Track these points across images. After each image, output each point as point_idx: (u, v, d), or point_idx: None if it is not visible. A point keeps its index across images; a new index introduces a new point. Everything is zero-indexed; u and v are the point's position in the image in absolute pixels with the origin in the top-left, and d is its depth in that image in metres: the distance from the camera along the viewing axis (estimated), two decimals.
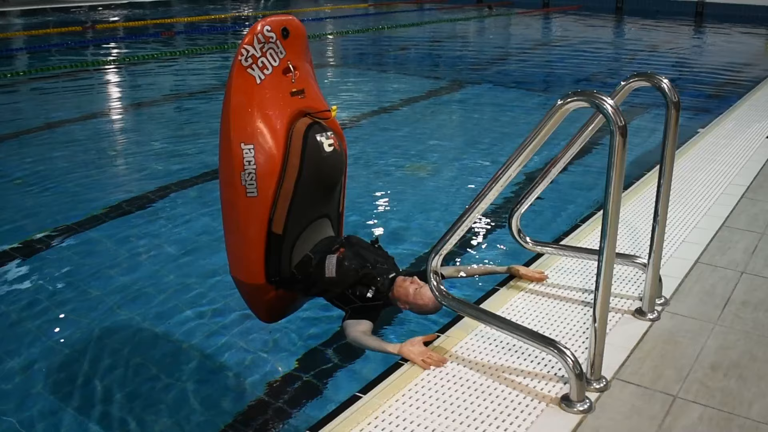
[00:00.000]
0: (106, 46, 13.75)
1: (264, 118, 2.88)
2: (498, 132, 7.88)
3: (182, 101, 9.46)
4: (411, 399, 2.46)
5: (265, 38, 2.86)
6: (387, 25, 17.76)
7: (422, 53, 14.37)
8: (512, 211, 3.31)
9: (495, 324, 2.66)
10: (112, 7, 20.48)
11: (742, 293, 3.27)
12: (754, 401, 2.49)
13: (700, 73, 11.57)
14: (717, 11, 19.86)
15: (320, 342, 3.68)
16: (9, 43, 13.89)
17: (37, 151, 6.91)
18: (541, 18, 20.81)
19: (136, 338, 3.74)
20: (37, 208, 5.44)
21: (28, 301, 4.09)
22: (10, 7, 19.25)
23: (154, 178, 6.11)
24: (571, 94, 2.31)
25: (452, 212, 5.22)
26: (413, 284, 2.92)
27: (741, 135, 6.03)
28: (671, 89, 2.73)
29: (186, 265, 4.52)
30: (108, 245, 4.79)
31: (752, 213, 4.24)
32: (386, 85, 10.75)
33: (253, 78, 2.88)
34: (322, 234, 3.16)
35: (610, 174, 2.26)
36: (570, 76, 11.41)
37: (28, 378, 3.40)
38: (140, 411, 3.20)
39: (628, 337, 2.87)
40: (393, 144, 7.27)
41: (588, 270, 3.48)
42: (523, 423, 2.35)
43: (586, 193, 5.77)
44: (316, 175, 2.99)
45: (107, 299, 4.08)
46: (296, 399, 3.28)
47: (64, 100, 9.17)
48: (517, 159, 2.45)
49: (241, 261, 3.10)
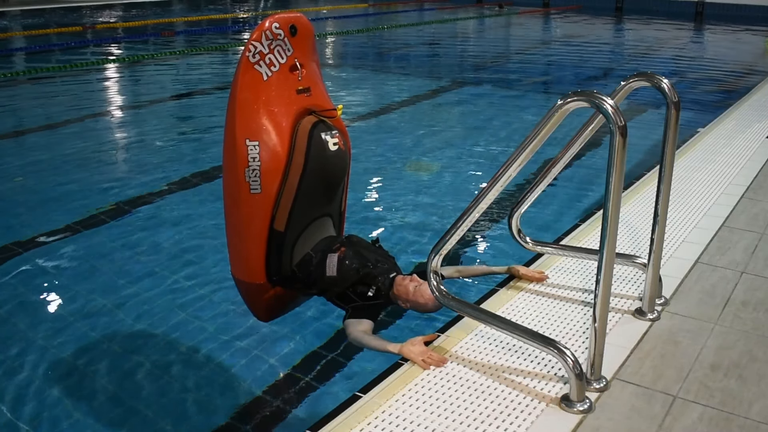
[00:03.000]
0: (106, 46, 13.74)
1: (270, 115, 2.89)
2: (498, 132, 7.89)
3: (183, 100, 9.47)
4: (411, 399, 2.46)
5: (273, 35, 2.86)
6: (387, 25, 17.76)
7: (422, 53, 14.38)
8: (512, 211, 3.31)
9: (495, 324, 2.66)
10: (112, 7, 20.47)
11: (742, 293, 3.27)
12: (754, 401, 2.49)
13: (700, 73, 11.58)
14: (717, 11, 19.86)
15: (320, 341, 3.68)
16: (9, 43, 13.89)
17: (37, 150, 6.91)
18: (542, 18, 20.81)
19: (135, 338, 3.74)
20: (37, 207, 5.44)
21: (27, 300, 4.09)
22: (10, 7, 19.25)
23: (154, 178, 6.11)
24: (571, 94, 2.31)
25: (452, 212, 5.23)
26: (412, 282, 2.92)
27: (741, 135, 6.03)
28: (671, 89, 2.73)
29: (186, 265, 4.52)
30: (107, 245, 4.79)
31: (752, 213, 4.24)
32: (386, 85, 10.75)
33: (260, 74, 2.88)
34: (324, 233, 3.17)
35: (610, 174, 2.26)
36: (570, 76, 11.42)
37: (26, 377, 3.40)
38: (139, 411, 3.20)
39: (628, 337, 2.87)
40: (393, 144, 7.28)
41: (588, 270, 3.48)
42: (523, 423, 2.34)
43: (586, 193, 5.77)
44: (320, 173, 3.00)
45: (107, 299, 4.08)
46: (296, 399, 3.28)
47: (64, 100, 9.17)
48: (517, 159, 2.44)
49: (242, 258, 3.10)
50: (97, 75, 11.06)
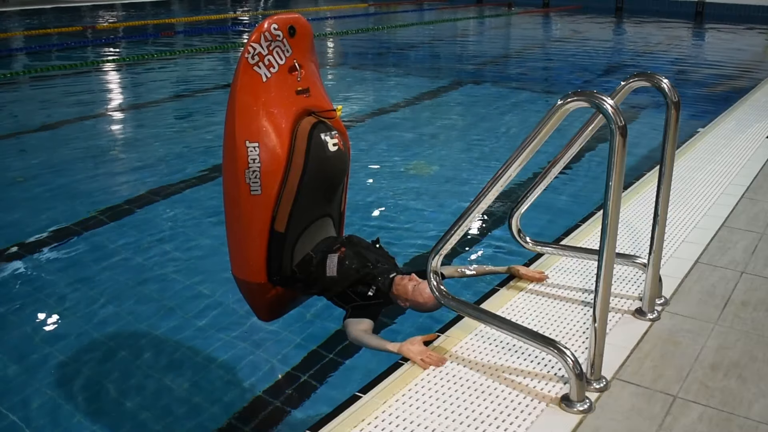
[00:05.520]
0: (106, 46, 13.74)
1: (269, 117, 2.89)
2: (498, 131, 7.89)
3: (183, 101, 9.46)
4: (411, 399, 2.46)
5: (272, 36, 2.86)
6: (387, 25, 17.76)
7: (422, 53, 14.37)
8: (512, 211, 3.31)
9: (495, 324, 2.66)
10: (112, 7, 20.47)
11: (742, 293, 3.27)
12: (754, 401, 2.49)
13: (700, 73, 11.58)
14: (717, 11, 19.86)
15: (320, 341, 3.68)
16: (9, 43, 13.89)
17: (37, 151, 6.91)
18: (542, 18, 20.81)
19: (134, 337, 3.74)
20: (38, 207, 5.44)
21: (27, 300, 4.09)
22: (10, 7, 19.25)
23: (154, 177, 6.11)
24: (571, 94, 2.31)
25: (452, 212, 5.22)
26: (411, 281, 2.92)
27: (741, 135, 6.03)
28: (671, 89, 2.73)
29: (186, 265, 4.52)
30: (108, 245, 4.79)
31: (752, 213, 4.24)
32: (386, 85, 10.75)
33: (259, 76, 2.88)
34: (324, 233, 3.17)
35: (610, 174, 2.26)
36: (570, 76, 11.42)
37: (25, 377, 3.40)
38: (139, 410, 3.20)
39: (628, 337, 2.87)
40: (393, 144, 7.28)
41: (588, 270, 3.48)
42: (523, 423, 2.35)
43: (585, 193, 5.77)
44: (320, 174, 3.00)
45: (107, 299, 4.09)
46: (296, 399, 3.28)
47: (64, 100, 9.17)
48: (517, 159, 2.45)
49: (242, 259, 3.10)
50: (97, 75, 11.06)
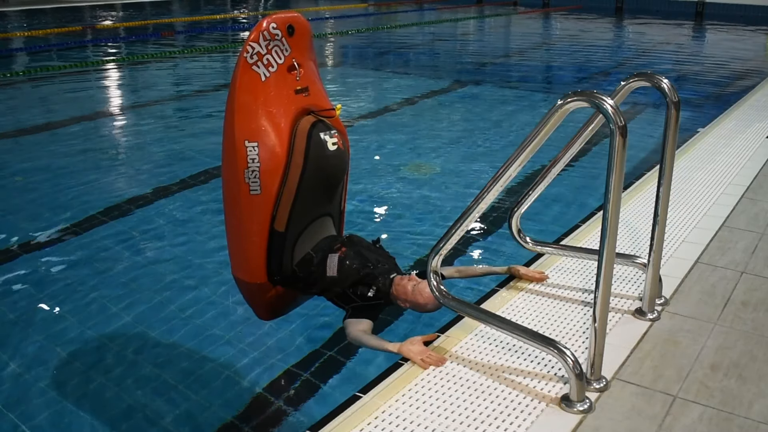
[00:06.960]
0: (106, 46, 13.74)
1: (268, 116, 2.89)
2: (498, 131, 7.88)
3: (183, 100, 9.46)
4: (411, 399, 2.46)
5: (270, 35, 2.86)
6: (387, 25, 17.76)
7: (422, 53, 14.37)
8: (512, 211, 3.31)
9: (495, 324, 2.66)
10: (112, 7, 20.47)
11: (742, 293, 3.27)
12: (754, 401, 2.49)
13: (700, 73, 11.58)
14: (717, 11, 19.86)
15: (320, 341, 3.68)
16: (9, 43, 13.88)
17: (37, 151, 6.90)
18: (542, 18, 20.81)
19: (134, 337, 3.74)
20: (38, 207, 5.44)
21: (27, 300, 4.09)
22: (10, 7, 19.24)
23: (154, 177, 6.11)
24: (571, 94, 2.31)
25: (452, 212, 5.22)
26: (411, 281, 2.92)
27: (741, 135, 6.03)
28: (671, 89, 2.73)
29: (187, 265, 4.52)
30: (107, 245, 4.79)
31: (752, 213, 4.24)
32: (386, 85, 10.75)
33: (258, 75, 2.88)
34: (324, 233, 3.17)
35: (610, 174, 2.26)
36: (570, 76, 11.42)
37: (26, 378, 3.40)
38: (139, 410, 3.20)
39: (628, 337, 2.87)
40: (393, 144, 7.28)
41: (588, 270, 3.48)
42: (523, 423, 2.34)
43: (585, 193, 5.77)
44: (320, 173, 3.00)
45: (106, 299, 4.08)
46: (296, 399, 3.28)
47: (64, 100, 9.16)
48: (517, 159, 2.45)
49: (242, 259, 3.10)
50: (97, 75, 11.06)
